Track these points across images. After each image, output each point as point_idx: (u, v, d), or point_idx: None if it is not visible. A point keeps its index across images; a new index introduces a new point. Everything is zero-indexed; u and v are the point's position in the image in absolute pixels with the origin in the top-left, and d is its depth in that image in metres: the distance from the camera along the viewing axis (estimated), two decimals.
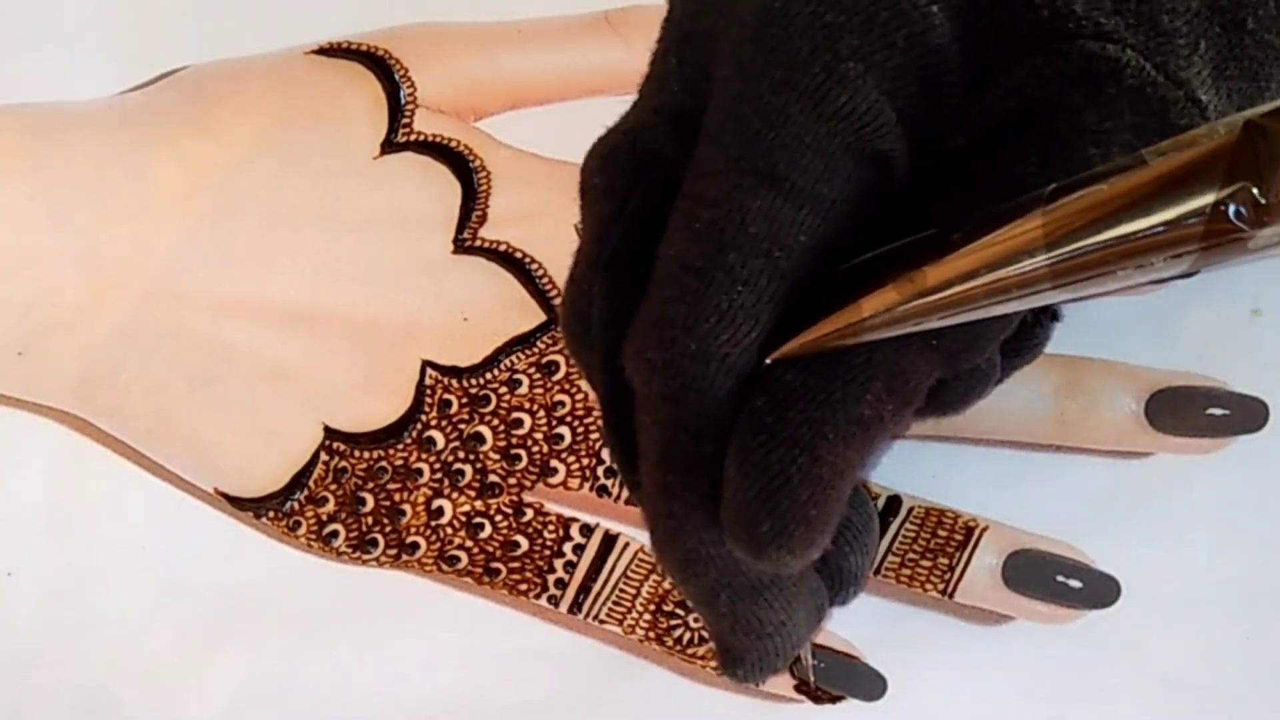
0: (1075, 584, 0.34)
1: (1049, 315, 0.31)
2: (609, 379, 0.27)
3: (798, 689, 0.35)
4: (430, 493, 0.35)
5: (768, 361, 0.25)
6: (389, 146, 0.35)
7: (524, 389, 0.35)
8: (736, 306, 0.24)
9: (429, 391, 0.35)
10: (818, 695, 0.35)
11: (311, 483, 0.35)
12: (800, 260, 0.24)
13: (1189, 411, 0.34)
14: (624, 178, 0.27)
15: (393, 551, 0.35)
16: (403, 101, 0.35)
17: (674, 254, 0.25)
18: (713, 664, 0.35)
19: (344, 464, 0.35)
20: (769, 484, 0.24)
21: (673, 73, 0.27)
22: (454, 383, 0.35)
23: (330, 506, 0.35)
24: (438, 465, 0.35)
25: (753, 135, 0.24)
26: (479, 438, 0.35)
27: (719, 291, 0.24)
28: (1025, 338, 0.30)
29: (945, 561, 0.34)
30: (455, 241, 0.35)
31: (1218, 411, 0.34)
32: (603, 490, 0.35)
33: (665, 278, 0.25)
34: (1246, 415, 0.34)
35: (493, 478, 0.35)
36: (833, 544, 0.27)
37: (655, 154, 0.27)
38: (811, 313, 0.25)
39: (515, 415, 0.35)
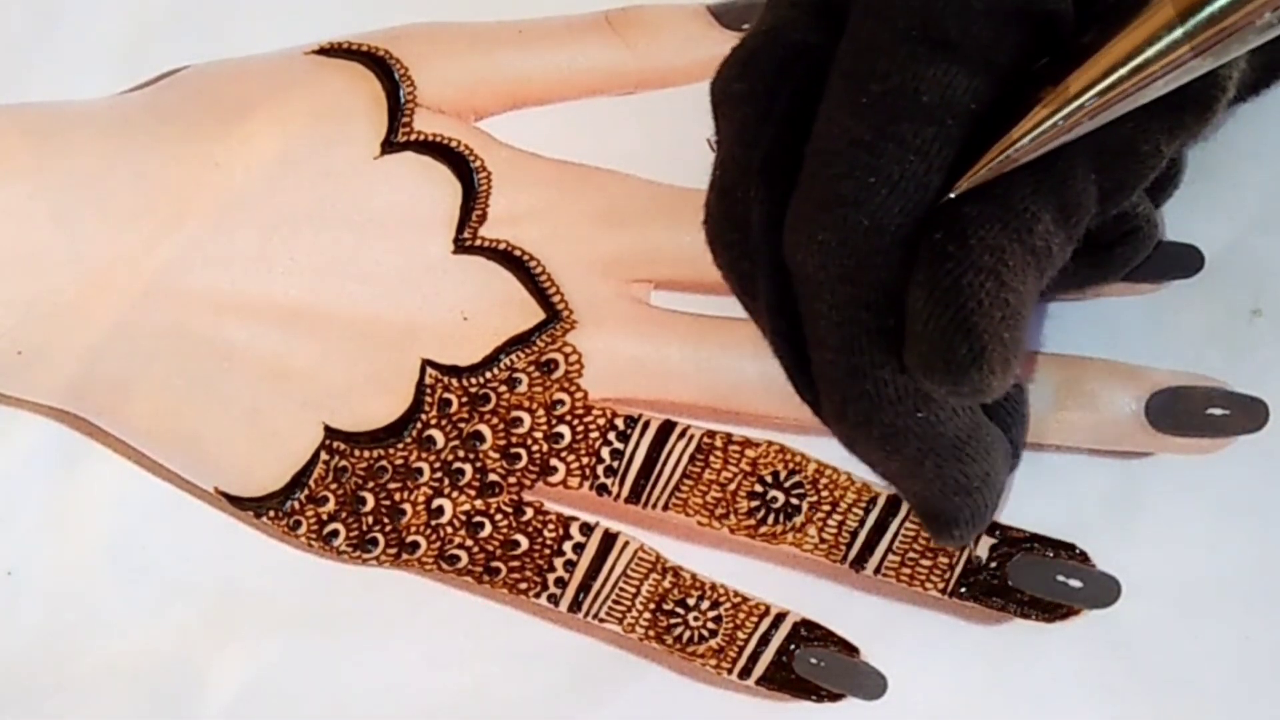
0: (1075, 584, 0.34)
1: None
2: (774, 282, 0.27)
3: (801, 687, 0.35)
4: (430, 492, 0.35)
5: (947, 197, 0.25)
6: (389, 146, 0.35)
7: (523, 387, 0.35)
8: (909, 176, 0.24)
9: (429, 390, 0.35)
10: (818, 693, 0.35)
11: (312, 482, 0.35)
12: (969, 125, 0.25)
13: (1189, 411, 0.34)
14: (769, 77, 0.27)
15: (393, 550, 0.35)
16: (403, 101, 0.35)
17: (839, 131, 0.25)
18: (712, 662, 0.35)
19: (344, 463, 0.35)
20: (962, 306, 0.24)
21: None
22: (454, 382, 0.35)
23: (330, 506, 0.35)
24: (438, 464, 0.35)
25: (921, 3, 0.24)
26: (479, 436, 0.35)
27: (891, 163, 0.24)
28: (1166, 177, 0.30)
29: (945, 560, 0.34)
30: (455, 241, 0.35)
31: (1218, 411, 0.34)
32: (603, 489, 0.35)
33: (830, 155, 0.25)
34: (1246, 415, 0.34)
35: (493, 477, 0.35)
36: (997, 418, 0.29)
37: (800, 46, 0.26)
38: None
39: (515, 414, 0.35)
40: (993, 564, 0.34)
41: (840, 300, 0.26)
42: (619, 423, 0.35)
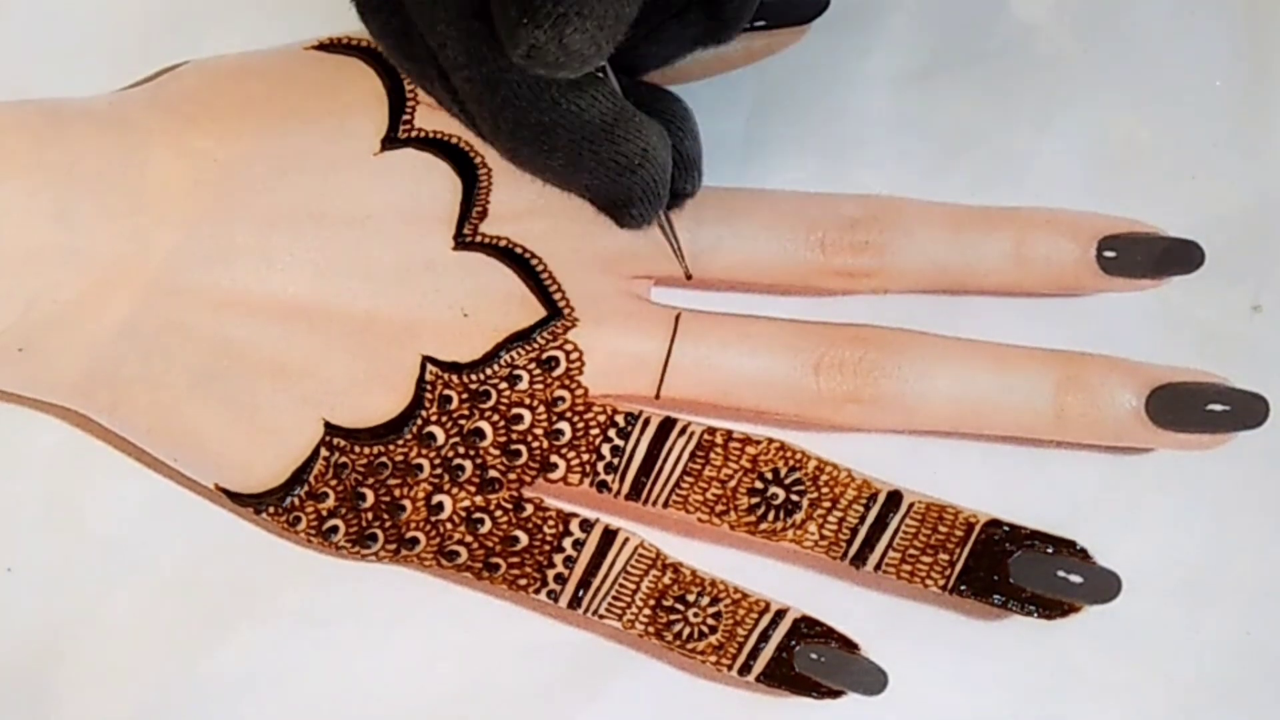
0: (1076, 580, 0.34)
1: None
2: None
3: (801, 683, 0.35)
4: (430, 488, 0.35)
5: None
6: (390, 142, 0.35)
7: (524, 384, 0.35)
8: None
9: (429, 387, 0.35)
10: (818, 689, 0.35)
11: (312, 478, 0.35)
12: None
13: (1189, 407, 0.34)
14: None
15: (392, 546, 0.35)
16: (404, 97, 0.35)
17: None
18: (712, 659, 0.35)
19: (344, 460, 0.35)
20: None
21: None
22: (454, 378, 0.35)
23: (330, 502, 0.35)
24: (438, 461, 0.35)
25: None
26: (479, 433, 0.35)
27: None
28: None
29: (946, 557, 0.34)
30: (456, 238, 0.35)
31: (1218, 407, 0.34)
32: (602, 486, 0.35)
33: None
34: (1246, 411, 0.34)
35: (493, 473, 0.35)
36: (668, 132, 0.33)
37: None
38: None
39: (515, 411, 0.35)
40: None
41: (453, 15, 0.29)
42: (619, 419, 0.35)
